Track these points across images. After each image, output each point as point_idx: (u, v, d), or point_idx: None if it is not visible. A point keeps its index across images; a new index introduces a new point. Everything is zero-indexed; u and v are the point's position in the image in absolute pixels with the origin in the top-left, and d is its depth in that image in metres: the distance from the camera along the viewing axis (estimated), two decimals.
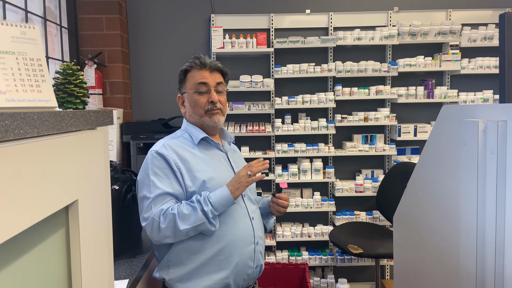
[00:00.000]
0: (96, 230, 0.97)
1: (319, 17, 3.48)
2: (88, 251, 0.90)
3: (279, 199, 1.66)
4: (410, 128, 3.41)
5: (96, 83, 3.09)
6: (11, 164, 0.63)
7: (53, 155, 0.77)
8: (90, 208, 0.93)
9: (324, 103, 3.34)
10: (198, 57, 1.60)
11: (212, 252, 1.47)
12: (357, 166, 3.61)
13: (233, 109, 3.32)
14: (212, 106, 1.56)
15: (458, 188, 1.26)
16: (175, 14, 3.49)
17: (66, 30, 3.05)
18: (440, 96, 3.37)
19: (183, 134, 1.62)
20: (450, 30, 3.33)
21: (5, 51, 0.89)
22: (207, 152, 1.58)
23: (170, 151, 1.51)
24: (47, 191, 0.74)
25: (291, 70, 3.32)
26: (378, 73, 3.35)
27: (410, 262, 1.73)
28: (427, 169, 1.55)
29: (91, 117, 1.03)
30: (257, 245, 1.56)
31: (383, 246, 2.77)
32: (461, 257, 1.26)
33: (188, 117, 1.63)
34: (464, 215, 1.24)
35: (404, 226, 1.81)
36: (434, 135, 1.47)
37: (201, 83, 1.56)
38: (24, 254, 0.70)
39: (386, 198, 3.18)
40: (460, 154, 1.23)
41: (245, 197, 1.60)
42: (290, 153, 3.34)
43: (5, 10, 2.19)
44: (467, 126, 1.18)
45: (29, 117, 0.72)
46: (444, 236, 1.38)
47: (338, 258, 3.43)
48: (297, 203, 3.37)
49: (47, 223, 0.77)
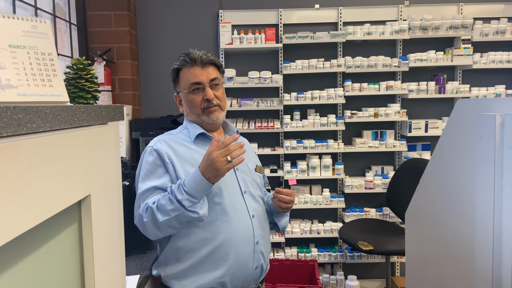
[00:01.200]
0: (108, 225, 0.96)
1: (328, 12, 3.45)
2: (100, 246, 0.90)
3: (279, 193, 1.54)
4: (421, 124, 3.37)
5: (105, 79, 3.09)
6: (23, 158, 0.62)
7: (65, 150, 0.77)
8: (103, 203, 0.92)
9: (334, 99, 3.31)
10: (188, 53, 1.53)
11: (208, 250, 1.42)
12: (367, 163, 3.58)
13: (242, 106, 3.30)
14: (208, 104, 1.51)
15: (474, 183, 1.24)
16: (183, 10, 3.48)
17: (75, 26, 3.06)
18: (452, 91, 3.33)
19: (182, 131, 1.59)
20: (461, 24, 3.28)
21: (17, 45, 0.88)
22: (205, 146, 1.51)
23: (164, 145, 1.48)
24: (59, 186, 0.73)
25: (300, 65, 3.29)
26: (388, 68, 3.31)
27: (422, 259, 1.71)
28: (441, 164, 1.52)
29: (102, 112, 1.03)
30: (257, 245, 1.49)
31: (394, 243, 2.75)
32: (477, 254, 1.23)
33: (187, 115, 1.60)
34: (480, 212, 1.21)
35: (417, 222, 1.78)
36: (448, 129, 1.45)
37: (194, 83, 1.50)
38: (37, 249, 0.70)
39: (396, 195, 3.15)
40: (476, 149, 1.20)
41: (245, 194, 1.52)
42: (299, 149, 3.32)
43: (15, 7, 2.19)
44: (484, 120, 1.16)
45: (42, 111, 0.71)
46: (459, 233, 1.35)
47: (348, 254, 3.41)
48: (306, 199, 3.36)
49: (60, 218, 0.77)
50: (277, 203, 1.56)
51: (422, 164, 2.93)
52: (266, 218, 1.64)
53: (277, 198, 1.54)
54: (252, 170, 1.61)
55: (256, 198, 1.57)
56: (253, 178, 1.59)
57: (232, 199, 1.48)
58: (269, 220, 1.71)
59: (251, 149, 1.75)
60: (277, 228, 1.71)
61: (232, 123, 3.35)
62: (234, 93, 3.49)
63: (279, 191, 1.54)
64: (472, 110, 1.25)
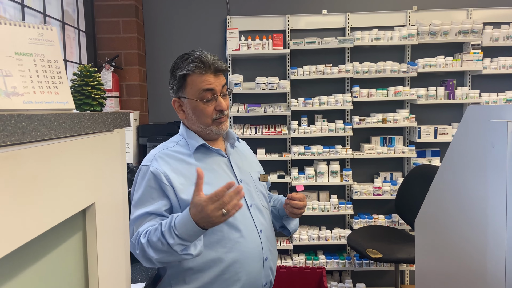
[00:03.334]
0: (113, 233, 0.95)
1: (336, 17, 3.44)
2: (105, 254, 0.89)
3: (292, 199, 1.47)
4: (430, 129, 3.34)
5: (113, 85, 3.11)
6: (27, 167, 0.61)
7: (70, 158, 0.76)
8: (108, 211, 0.91)
9: (341, 105, 3.29)
10: (198, 56, 1.37)
11: (217, 271, 1.35)
12: (375, 169, 3.54)
13: (249, 111, 3.30)
14: (220, 114, 1.41)
15: (486, 191, 1.21)
16: (191, 17, 3.50)
17: (84, 33, 3.08)
18: (461, 97, 3.29)
19: (180, 141, 1.47)
20: (471, 29, 3.25)
21: (23, 52, 0.88)
22: (206, 159, 1.43)
23: (160, 164, 1.38)
24: (64, 194, 0.72)
25: (308, 71, 3.28)
26: (396, 74, 3.29)
27: (433, 268, 1.68)
28: (451, 171, 1.49)
29: (108, 119, 1.02)
30: (266, 261, 1.42)
31: (403, 250, 2.71)
32: (489, 264, 1.21)
33: (191, 125, 1.46)
34: (492, 220, 1.18)
35: (427, 230, 1.75)
36: (459, 136, 1.42)
37: (207, 89, 1.37)
38: (41, 259, 0.69)
39: (405, 202, 3.11)
40: (488, 156, 1.18)
41: (251, 207, 1.44)
42: (306, 155, 3.30)
43: (24, 14, 2.21)
44: (496, 127, 1.13)
45: (46, 119, 0.70)
46: (471, 241, 1.32)
47: (356, 262, 3.37)
48: (314, 206, 3.33)
49: (64, 227, 0.76)
50: (290, 209, 1.49)
51: (431, 170, 2.90)
52: (272, 228, 1.57)
53: (290, 204, 1.48)
54: (256, 180, 1.54)
55: (262, 209, 1.50)
56: (257, 188, 1.52)
57: (239, 215, 1.38)
58: (278, 224, 1.65)
59: (253, 156, 1.68)
60: (287, 231, 1.64)
61: (239, 129, 3.35)
62: (241, 99, 3.49)
63: (292, 198, 1.48)
64: (483, 116, 1.22)
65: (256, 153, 3.31)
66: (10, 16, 2.15)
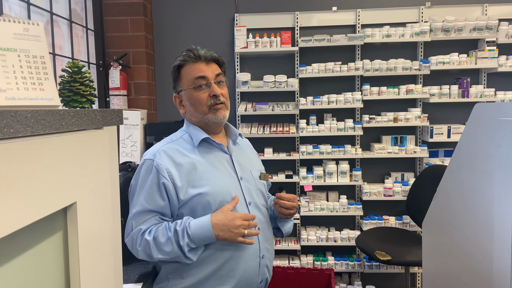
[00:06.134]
0: (99, 233, 0.93)
1: (346, 14, 3.37)
2: (88, 255, 0.86)
3: (280, 199, 1.47)
4: (443, 129, 3.25)
5: (121, 84, 3.11)
6: None
7: (49, 155, 0.74)
8: (92, 211, 0.89)
9: (351, 103, 3.22)
10: (190, 49, 1.45)
11: (213, 267, 1.36)
12: (386, 169, 3.47)
13: (257, 110, 3.26)
14: (215, 100, 1.42)
15: (492, 192, 1.16)
16: (199, 15, 3.48)
17: (92, 32, 3.09)
18: (476, 95, 3.19)
19: (183, 136, 1.48)
20: (486, 25, 3.15)
21: (7, 48, 0.86)
22: (208, 155, 1.43)
23: (164, 159, 1.38)
24: (40, 192, 0.70)
25: (316, 69, 3.23)
26: (408, 72, 3.21)
27: (440, 271, 1.62)
28: (458, 172, 1.44)
29: (97, 116, 1.00)
30: (263, 259, 1.44)
31: (413, 253, 2.64)
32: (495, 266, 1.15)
33: (190, 117, 1.49)
34: (498, 222, 1.13)
35: (434, 232, 1.70)
36: (466, 135, 1.36)
37: (199, 77, 1.42)
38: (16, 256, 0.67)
39: (417, 203, 3.03)
40: (495, 156, 1.12)
41: (250, 205, 1.45)
42: (315, 155, 3.25)
43: (30, 12, 2.22)
44: (502, 125, 1.07)
45: (21, 115, 0.68)
46: (477, 243, 1.27)
47: (366, 264, 3.30)
48: (323, 206, 3.28)
49: (42, 225, 0.74)
50: (278, 209, 1.50)
51: (444, 171, 2.81)
52: (270, 227, 1.57)
53: (278, 204, 1.48)
54: (257, 178, 1.53)
55: (260, 208, 1.50)
56: (257, 186, 1.52)
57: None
58: (273, 225, 1.64)
59: (255, 154, 1.68)
60: (280, 233, 1.64)
61: (247, 127, 3.32)
62: (249, 97, 3.46)
63: (279, 197, 1.48)
64: (490, 115, 1.17)
65: (264, 152, 3.28)
66: (15, 14, 2.16)
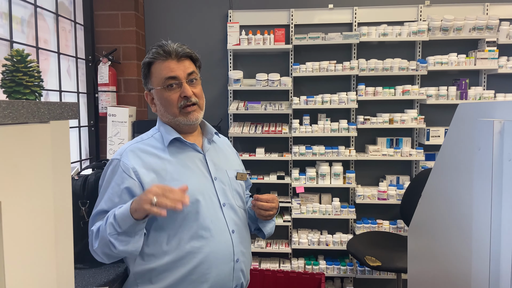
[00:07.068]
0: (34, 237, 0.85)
1: (343, 12, 3.28)
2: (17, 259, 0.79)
3: (258, 200, 1.40)
4: (440, 131, 3.15)
5: (110, 80, 3.05)
6: None
7: None
8: (23, 212, 0.82)
9: (346, 104, 3.13)
10: (161, 45, 1.36)
11: (184, 271, 1.29)
12: (381, 172, 3.37)
13: (248, 109, 3.18)
14: (186, 102, 1.35)
15: (471, 197, 1.07)
16: (192, 11, 3.41)
17: (81, 26, 3.03)
18: (474, 97, 3.09)
19: (155, 134, 1.41)
20: (486, 25, 3.04)
21: None
22: (180, 155, 1.37)
23: (131, 158, 1.32)
24: None
25: (310, 68, 3.14)
26: (405, 72, 3.11)
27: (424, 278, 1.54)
28: (441, 176, 1.35)
29: (40, 109, 0.93)
30: (237, 263, 1.37)
31: (404, 259, 2.54)
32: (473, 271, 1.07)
33: (161, 116, 1.42)
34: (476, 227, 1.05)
35: (419, 237, 1.62)
36: (449, 138, 1.28)
37: (169, 77, 1.34)
38: None
39: (411, 207, 2.93)
40: (474, 159, 1.04)
41: (224, 206, 1.38)
42: (308, 156, 3.16)
43: (11, 4, 2.16)
44: (482, 127, 0.99)
45: None
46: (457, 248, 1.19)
47: (358, 269, 3.21)
48: (315, 209, 3.19)
49: None
50: (257, 211, 1.42)
51: None
52: (247, 229, 1.51)
53: (257, 206, 1.40)
54: (233, 178, 1.46)
55: (236, 209, 1.43)
56: (233, 187, 1.45)
57: (210, 214, 1.33)
58: (254, 226, 1.58)
59: (234, 153, 1.61)
60: (262, 234, 1.57)
61: (238, 126, 3.24)
62: (241, 96, 3.38)
63: (257, 198, 1.40)
64: (471, 115, 1.08)
65: (256, 153, 3.20)
66: None
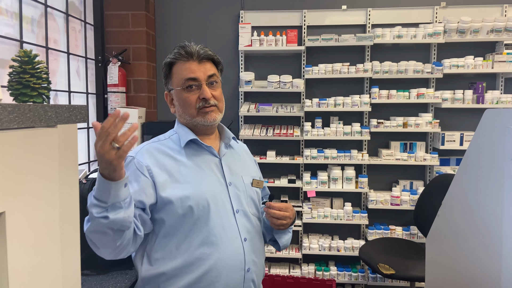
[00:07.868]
0: (39, 244, 0.81)
1: (356, 13, 3.22)
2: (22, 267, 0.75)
3: (270, 208, 1.34)
4: (455, 136, 3.07)
5: (120, 81, 3.02)
6: None
7: None
8: (28, 222, 0.77)
9: (359, 107, 3.07)
10: (183, 46, 1.35)
11: (193, 278, 1.25)
12: (394, 176, 3.30)
13: (260, 111, 3.13)
14: (204, 103, 1.32)
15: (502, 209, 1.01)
16: (204, 11, 3.37)
17: (91, 26, 3.01)
18: (491, 101, 3.00)
19: (172, 136, 1.39)
20: (505, 27, 2.96)
21: None
22: (196, 157, 1.34)
23: (145, 157, 1.29)
24: None
25: (323, 70, 3.08)
26: (420, 75, 3.04)
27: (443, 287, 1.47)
28: (465, 185, 1.29)
29: (47, 113, 0.89)
30: (248, 272, 1.31)
31: (419, 267, 2.47)
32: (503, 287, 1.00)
33: (179, 117, 1.40)
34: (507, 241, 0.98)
35: (439, 247, 1.55)
36: (474, 145, 1.21)
37: (189, 78, 1.32)
38: None
39: (425, 213, 2.86)
40: (504, 170, 0.97)
41: (237, 213, 1.33)
42: (319, 159, 3.10)
43: (21, 4, 2.14)
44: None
45: None
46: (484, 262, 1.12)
47: (370, 276, 3.14)
48: (326, 213, 3.13)
49: None
50: (269, 219, 1.36)
51: None
52: (261, 239, 1.44)
53: (268, 213, 1.34)
54: (248, 185, 1.41)
55: (250, 217, 1.38)
56: (248, 194, 1.40)
57: (222, 220, 1.29)
58: (269, 237, 1.52)
59: (251, 160, 1.56)
60: (277, 246, 1.51)
61: (249, 129, 3.19)
62: (252, 98, 3.33)
63: (269, 206, 1.34)
64: (501, 122, 1.02)
65: (266, 155, 3.15)
66: (6, 6, 2.07)
